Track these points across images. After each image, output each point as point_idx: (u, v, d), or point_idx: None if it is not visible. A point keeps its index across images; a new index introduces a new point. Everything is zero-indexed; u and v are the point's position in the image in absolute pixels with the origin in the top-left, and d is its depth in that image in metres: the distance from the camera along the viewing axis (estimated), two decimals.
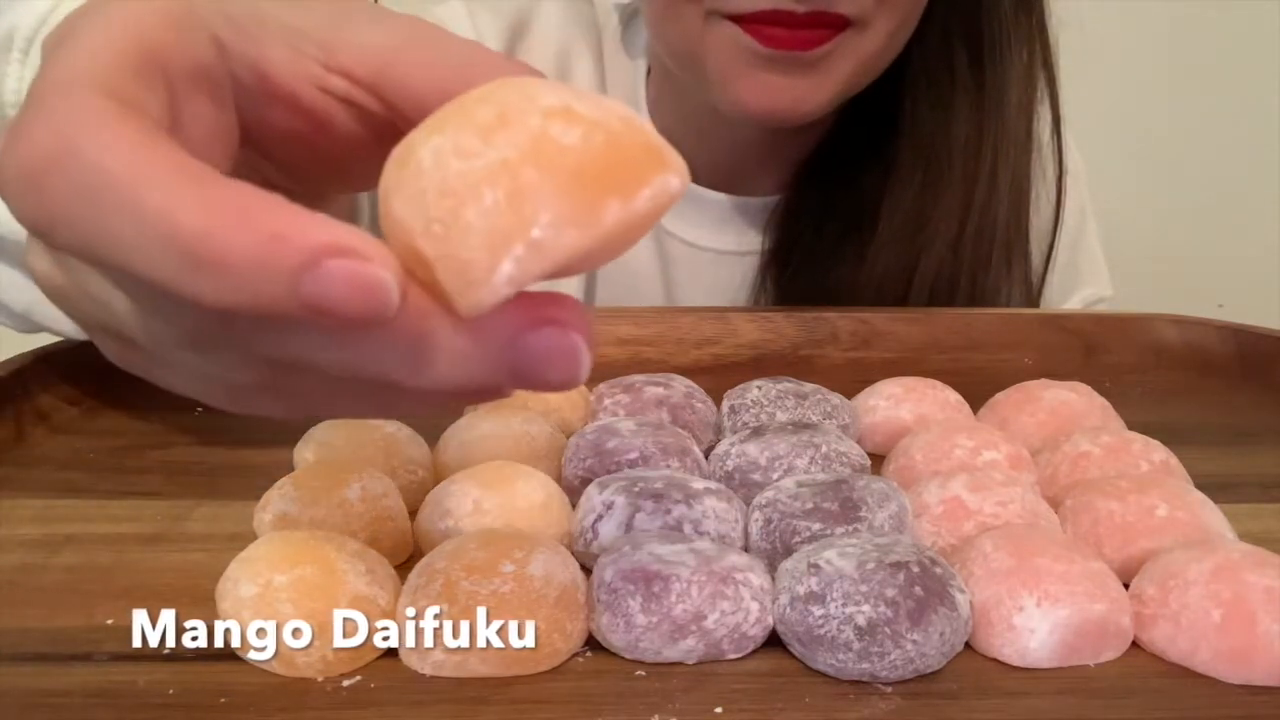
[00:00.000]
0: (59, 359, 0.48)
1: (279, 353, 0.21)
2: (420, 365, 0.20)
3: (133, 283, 0.21)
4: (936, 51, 0.62)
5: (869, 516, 0.33)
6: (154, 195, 0.18)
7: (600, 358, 0.54)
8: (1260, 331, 0.54)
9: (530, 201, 0.18)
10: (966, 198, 0.63)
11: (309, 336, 0.20)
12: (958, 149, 0.62)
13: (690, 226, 0.72)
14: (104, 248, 0.19)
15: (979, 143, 0.62)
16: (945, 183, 0.63)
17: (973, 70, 0.62)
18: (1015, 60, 0.62)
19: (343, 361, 0.20)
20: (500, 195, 0.19)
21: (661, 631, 0.29)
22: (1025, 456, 0.40)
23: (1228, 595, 0.29)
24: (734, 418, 0.44)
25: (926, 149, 0.63)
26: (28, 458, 0.43)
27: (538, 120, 0.19)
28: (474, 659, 0.28)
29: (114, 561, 0.35)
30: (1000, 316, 0.58)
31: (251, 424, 0.46)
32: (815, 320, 0.56)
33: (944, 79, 0.62)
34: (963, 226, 0.63)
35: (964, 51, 0.62)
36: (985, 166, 0.62)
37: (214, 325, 0.20)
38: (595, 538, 0.34)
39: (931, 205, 0.63)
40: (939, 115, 0.63)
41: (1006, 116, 0.62)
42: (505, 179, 0.19)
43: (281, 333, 0.20)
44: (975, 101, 0.62)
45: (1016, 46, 0.62)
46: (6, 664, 0.29)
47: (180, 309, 0.20)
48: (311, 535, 0.31)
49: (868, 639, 0.28)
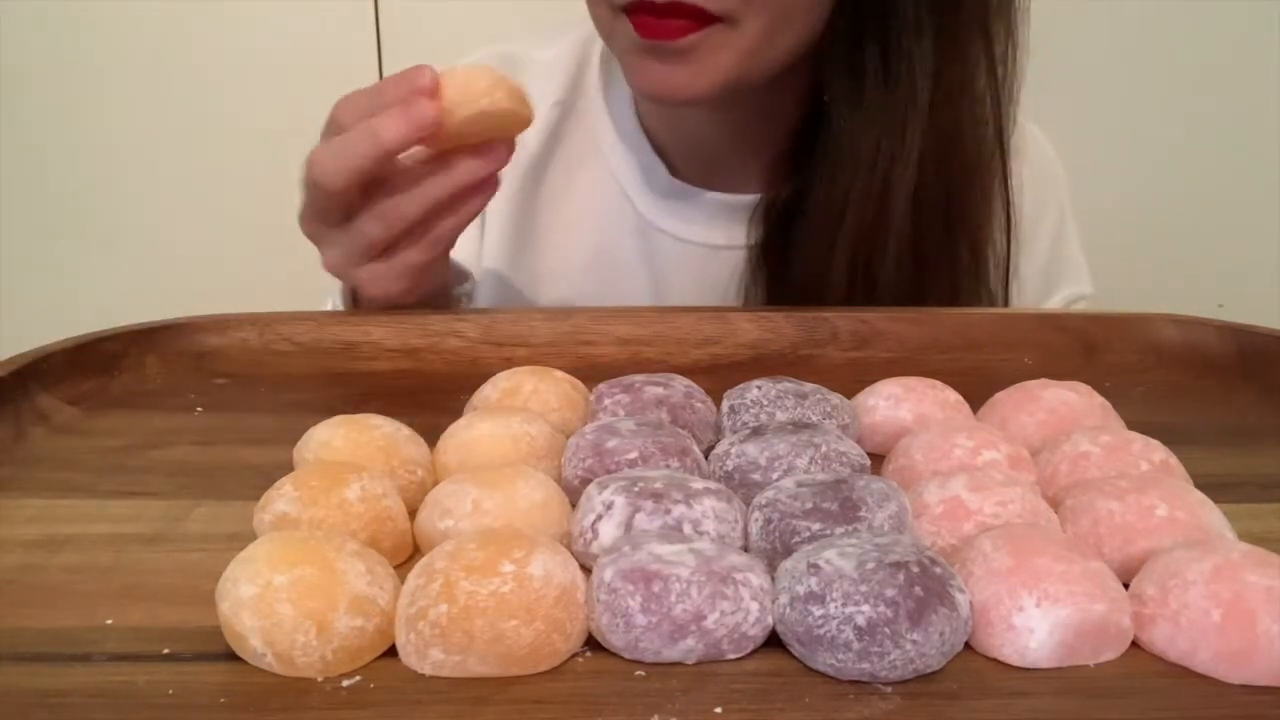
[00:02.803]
0: (59, 359, 0.48)
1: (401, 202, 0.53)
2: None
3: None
4: (846, 53, 0.63)
5: (869, 516, 0.33)
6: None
7: (600, 358, 0.54)
8: (1260, 331, 0.54)
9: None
10: (868, 191, 0.63)
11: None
12: (865, 147, 0.63)
13: (677, 222, 0.73)
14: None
15: (889, 140, 0.63)
16: (851, 178, 0.63)
17: (882, 70, 0.62)
18: (929, 59, 0.62)
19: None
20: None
21: (661, 631, 0.29)
22: (1025, 456, 0.40)
23: (1228, 595, 0.29)
24: (734, 418, 0.44)
25: (844, 145, 0.64)
26: (28, 458, 0.43)
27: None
28: (473, 659, 0.28)
29: (114, 561, 0.35)
30: (1000, 316, 0.58)
31: (251, 424, 0.47)
32: (815, 320, 0.56)
33: (856, 81, 0.63)
34: (865, 218, 0.63)
35: (875, 51, 0.62)
36: (898, 164, 0.63)
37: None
38: (595, 538, 0.34)
39: (838, 200, 0.64)
40: (850, 118, 0.63)
41: (917, 113, 0.62)
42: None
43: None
44: (885, 102, 0.62)
45: (936, 43, 0.62)
46: (6, 664, 0.29)
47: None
48: (311, 535, 0.31)
49: (867, 639, 0.28)
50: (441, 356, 0.54)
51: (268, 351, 0.54)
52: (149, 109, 1.19)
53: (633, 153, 0.74)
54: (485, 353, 0.54)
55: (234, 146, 1.20)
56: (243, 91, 1.18)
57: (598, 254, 0.74)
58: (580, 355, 0.55)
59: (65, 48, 1.16)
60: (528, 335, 0.55)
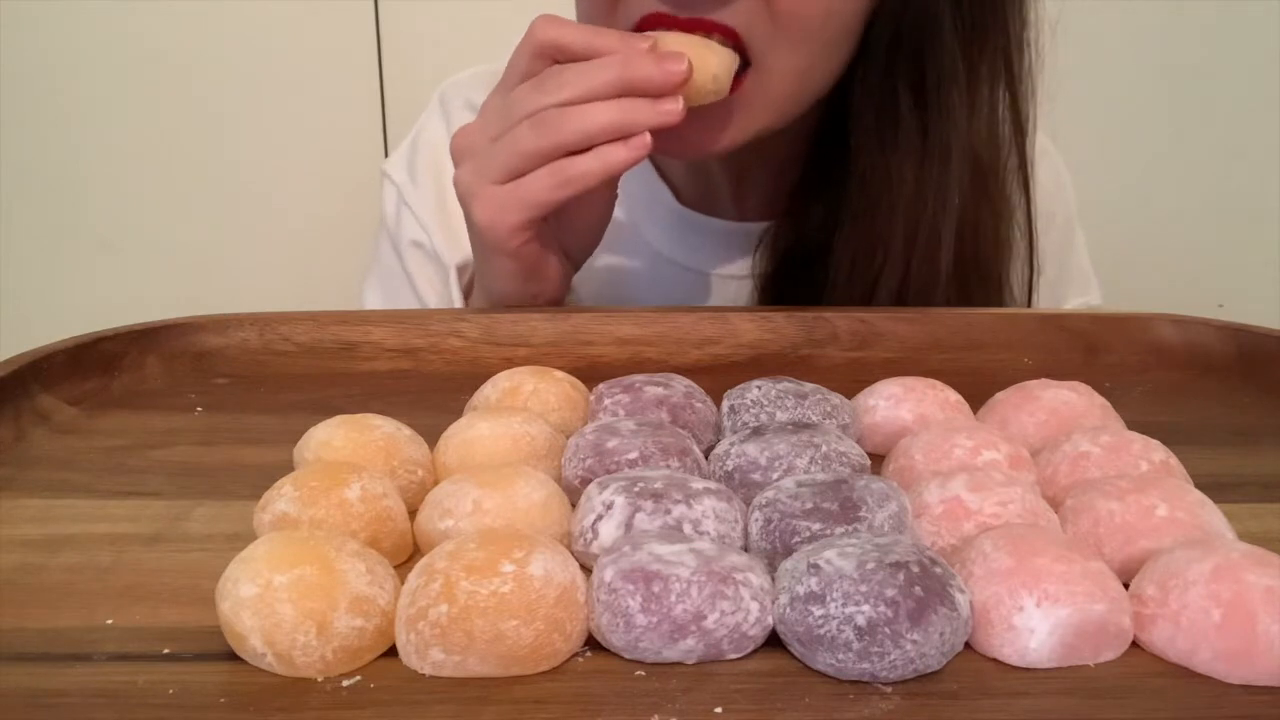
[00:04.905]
0: (59, 359, 0.48)
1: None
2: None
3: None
4: (879, 92, 0.62)
5: (869, 516, 0.33)
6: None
7: (600, 358, 0.54)
8: (1260, 331, 0.54)
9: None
10: (909, 240, 0.62)
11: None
12: (901, 192, 0.62)
13: (685, 251, 0.73)
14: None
15: (922, 186, 0.62)
16: (890, 225, 0.62)
17: (917, 113, 0.61)
18: (962, 102, 0.61)
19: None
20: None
21: (661, 631, 0.29)
22: (1025, 456, 0.40)
23: (1228, 595, 0.29)
24: (734, 418, 0.44)
25: (872, 190, 0.63)
26: (28, 458, 0.43)
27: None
28: (473, 659, 0.28)
29: (114, 561, 0.35)
30: (1000, 316, 0.58)
31: (251, 424, 0.47)
32: (815, 320, 0.56)
33: (888, 121, 0.62)
34: (908, 268, 0.63)
35: (908, 94, 0.61)
36: (927, 210, 0.62)
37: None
38: (595, 538, 0.34)
39: (878, 245, 0.63)
40: (883, 157, 0.62)
41: (953, 159, 0.61)
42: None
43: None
44: (919, 144, 0.62)
45: (968, 88, 0.61)
46: (6, 664, 0.29)
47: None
48: (311, 535, 0.31)
49: (867, 639, 0.28)
50: (441, 356, 0.55)
51: (268, 351, 0.54)
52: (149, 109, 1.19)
53: (637, 180, 0.73)
54: (485, 353, 0.54)
55: (234, 146, 1.20)
56: (243, 91, 1.18)
57: (605, 282, 0.74)
58: (580, 355, 0.55)
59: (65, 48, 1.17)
60: (528, 335, 0.55)
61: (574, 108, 0.52)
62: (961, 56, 0.60)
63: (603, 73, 0.52)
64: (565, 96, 0.52)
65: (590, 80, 0.52)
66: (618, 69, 0.51)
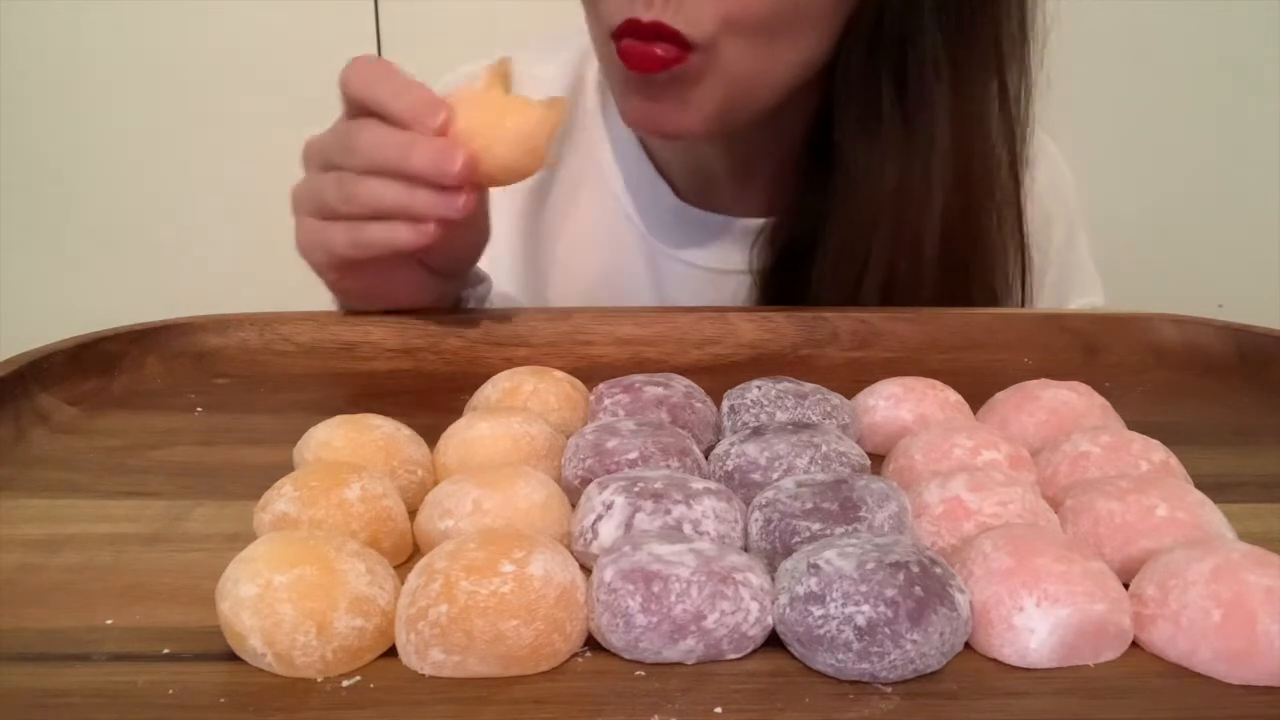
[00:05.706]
0: (59, 359, 0.48)
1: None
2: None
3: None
4: (861, 82, 0.61)
5: (869, 516, 0.33)
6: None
7: (600, 358, 0.54)
8: (1260, 331, 0.54)
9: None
10: (893, 233, 0.62)
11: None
12: (883, 185, 0.61)
13: (685, 246, 0.73)
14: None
15: (905, 178, 0.61)
16: (873, 218, 0.62)
17: (900, 104, 0.61)
18: (947, 94, 0.60)
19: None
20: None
21: (661, 631, 0.29)
22: (1025, 456, 0.40)
23: (1228, 595, 0.29)
24: (734, 418, 0.44)
25: (856, 182, 0.62)
26: (28, 458, 0.43)
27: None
28: (473, 659, 0.28)
29: (114, 561, 0.35)
30: (1000, 316, 0.58)
31: (251, 424, 0.47)
32: (815, 320, 0.56)
33: (870, 111, 0.61)
34: (893, 261, 0.62)
35: (891, 85, 0.60)
36: (911, 203, 0.61)
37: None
38: (595, 538, 0.34)
39: (860, 238, 0.62)
40: (865, 148, 0.62)
41: (936, 152, 0.61)
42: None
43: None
44: (902, 136, 0.61)
45: (953, 80, 0.60)
46: (6, 664, 0.29)
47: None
48: (311, 535, 0.31)
49: (867, 639, 0.28)
50: (441, 356, 0.54)
51: (268, 351, 0.54)
52: (149, 109, 1.19)
53: (634, 174, 0.73)
54: (485, 353, 0.54)
55: (234, 146, 1.20)
56: (243, 91, 1.18)
57: (604, 276, 0.74)
58: (580, 355, 0.55)
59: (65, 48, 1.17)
60: (528, 335, 0.55)
61: (369, 179, 0.50)
62: (945, 46, 0.60)
63: (387, 152, 0.49)
64: (358, 165, 0.50)
65: (374, 158, 0.50)
66: (397, 156, 0.49)
